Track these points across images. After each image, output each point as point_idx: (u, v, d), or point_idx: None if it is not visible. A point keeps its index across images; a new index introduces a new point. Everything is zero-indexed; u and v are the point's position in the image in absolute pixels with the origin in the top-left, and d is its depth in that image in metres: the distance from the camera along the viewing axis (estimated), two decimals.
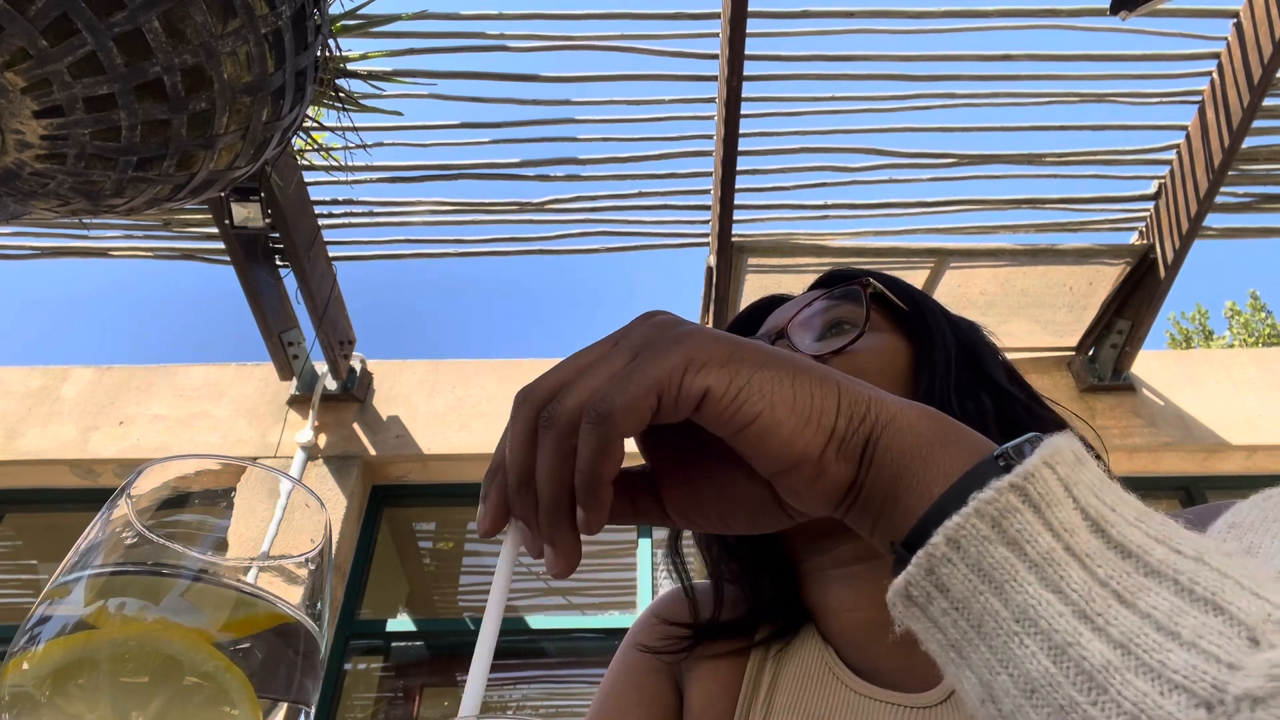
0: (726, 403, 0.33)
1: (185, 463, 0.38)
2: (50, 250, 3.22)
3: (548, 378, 0.36)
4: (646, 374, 0.33)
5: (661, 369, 0.33)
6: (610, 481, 0.34)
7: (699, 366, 0.33)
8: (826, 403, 0.33)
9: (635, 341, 0.35)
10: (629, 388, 0.33)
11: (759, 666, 0.61)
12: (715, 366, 0.33)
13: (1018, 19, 2.69)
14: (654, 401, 0.33)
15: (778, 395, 0.33)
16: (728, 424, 0.33)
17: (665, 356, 0.33)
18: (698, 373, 0.33)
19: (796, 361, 0.35)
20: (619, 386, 0.33)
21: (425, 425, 3.44)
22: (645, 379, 0.33)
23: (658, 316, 0.36)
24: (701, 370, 0.33)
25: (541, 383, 0.36)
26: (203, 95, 1.08)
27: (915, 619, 0.30)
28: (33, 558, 3.87)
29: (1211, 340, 12.49)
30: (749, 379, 0.33)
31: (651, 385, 0.32)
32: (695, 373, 0.33)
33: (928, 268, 3.18)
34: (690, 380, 0.33)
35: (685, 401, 0.33)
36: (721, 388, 0.33)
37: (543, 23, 2.72)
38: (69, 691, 0.31)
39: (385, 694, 3.41)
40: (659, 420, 0.34)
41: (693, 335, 0.34)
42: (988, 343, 0.66)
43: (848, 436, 0.33)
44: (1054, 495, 0.28)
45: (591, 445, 0.33)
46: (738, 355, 0.34)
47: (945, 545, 0.28)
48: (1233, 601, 0.24)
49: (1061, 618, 0.26)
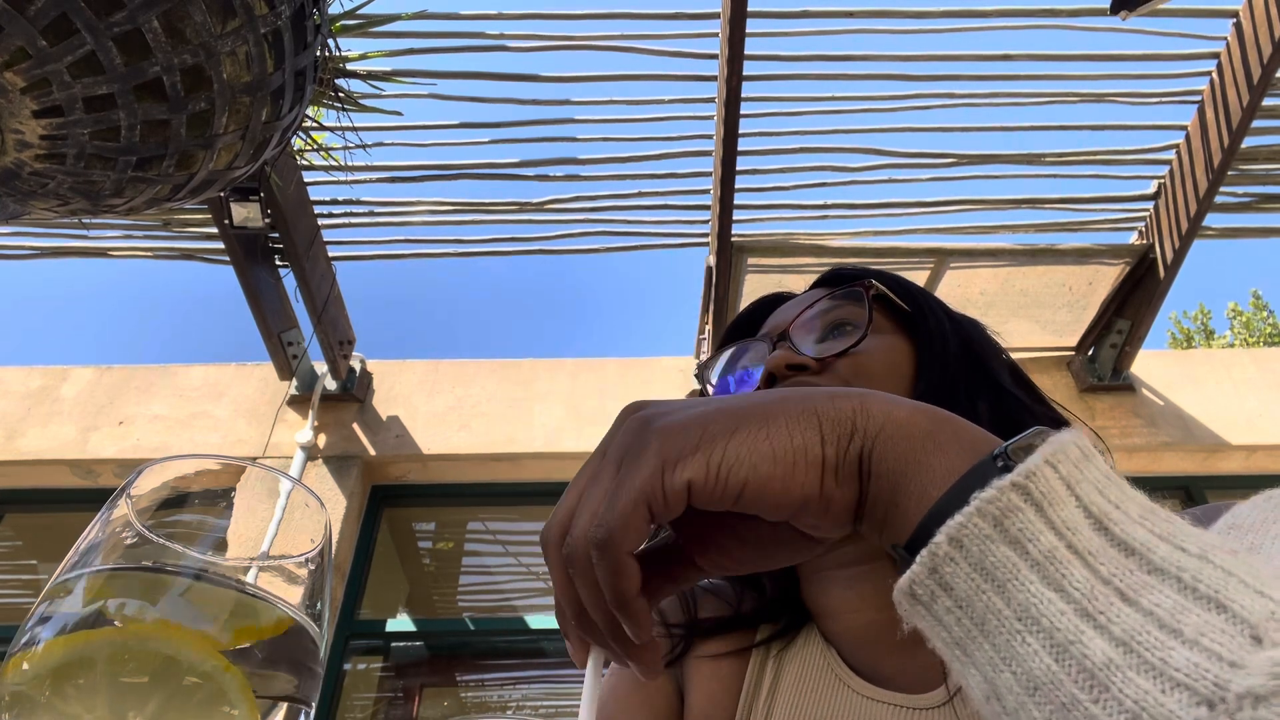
0: (712, 485, 0.33)
1: (185, 463, 0.38)
2: (50, 250, 3.22)
3: (558, 512, 0.37)
4: (629, 490, 0.34)
5: (641, 480, 0.34)
6: (637, 594, 0.35)
7: (674, 464, 0.34)
8: (808, 439, 0.34)
9: (617, 450, 0.36)
10: (616, 508, 0.34)
11: (760, 666, 0.61)
12: (688, 457, 0.34)
13: (1018, 19, 2.68)
14: (645, 513, 0.34)
15: (757, 455, 0.33)
16: (722, 501, 0.34)
17: (641, 466, 0.34)
18: (674, 471, 0.34)
19: (766, 407, 0.35)
20: (610, 509, 0.34)
21: (425, 425, 3.44)
22: (629, 496, 0.34)
23: (633, 414, 0.37)
24: (677, 466, 0.34)
25: (554, 519, 0.37)
26: (202, 95, 1.08)
27: (920, 617, 0.30)
28: (33, 558, 3.87)
29: (1212, 340, 12.48)
30: (724, 453, 0.34)
31: (637, 499, 0.34)
32: (672, 471, 0.34)
33: (928, 268, 3.18)
34: (670, 481, 0.34)
35: (674, 501, 0.34)
36: (701, 475, 0.34)
37: (542, 23, 2.72)
38: (68, 691, 0.31)
39: (385, 694, 3.41)
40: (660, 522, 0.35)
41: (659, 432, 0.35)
42: (990, 341, 0.65)
43: (840, 462, 0.34)
44: (1056, 494, 0.28)
45: (604, 572, 0.34)
46: (707, 435, 0.34)
47: (948, 544, 0.29)
48: (1235, 599, 0.24)
49: (1063, 616, 0.26)
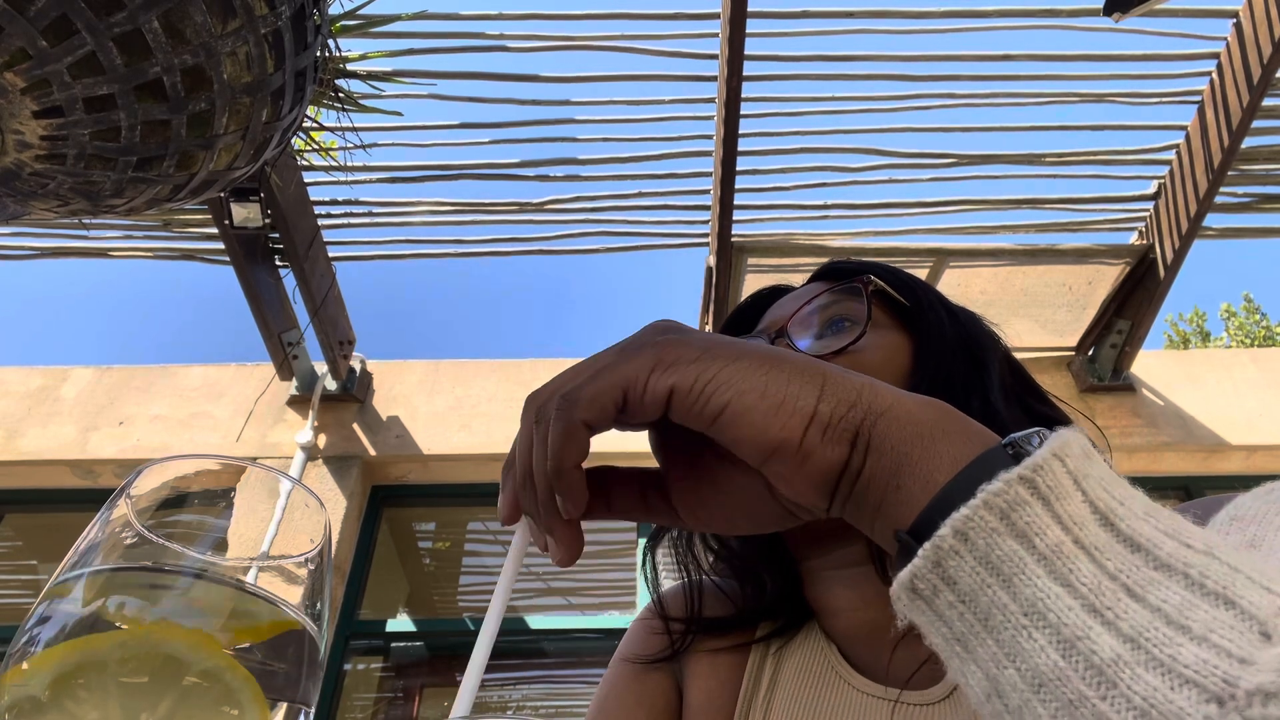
0: (694, 397, 0.34)
1: (185, 463, 0.38)
2: (50, 250, 3.22)
3: (550, 381, 0.38)
4: (615, 371, 0.35)
5: (630, 368, 0.35)
6: (576, 466, 0.36)
7: (666, 365, 0.35)
8: (804, 389, 0.34)
9: (630, 345, 0.37)
10: (596, 383, 0.35)
11: (760, 663, 0.61)
12: (683, 365, 0.34)
13: (1018, 19, 2.68)
14: (618, 396, 0.35)
15: (746, 384, 0.34)
16: (698, 417, 0.34)
17: (637, 357, 0.35)
18: (664, 371, 0.34)
19: (778, 355, 0.35)
20: (590, 381, 0.35)
21: (425, 425, 3.44)
22: (612, 375, 0.35)
23: (661, 323, 0.38)
24: (669, 369, 0.34)
25: (544, 385, 0.38)
26: (202, 95, 1.08)
27: (920, 612, 0.30)
28: (33, 558, 3.87)
29: (1209, 342, 12.49)
30: (716, 372, 0.34)
31: (617, 381, 0.35)
32: (662, 372, 0.34)
33: (927, 268, 3.18)
34: (656, 379, 0.34)
35: (651, 398, 0.34)
36: (687, 384, 0.34)
37: (543, 23, 2.72)
38: (79, 694, 0.31)
39: (385, 694, 3.41)
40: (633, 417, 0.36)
41: (670, 340, 0.36)
42: (988, 333, 0.65)
43: (833, 421, 0.33)
44: (1063, 488, 0.28)
45: (556, 432, 0.35)
46: (709, 353, 0.35)
47: (953, 537, 0.28)
48: (1244, 595, 0.24)
49: (1071, 611, 0.25)
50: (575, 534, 0.38)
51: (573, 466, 0.36)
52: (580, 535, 0.39)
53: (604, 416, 0.35)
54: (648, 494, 0.41)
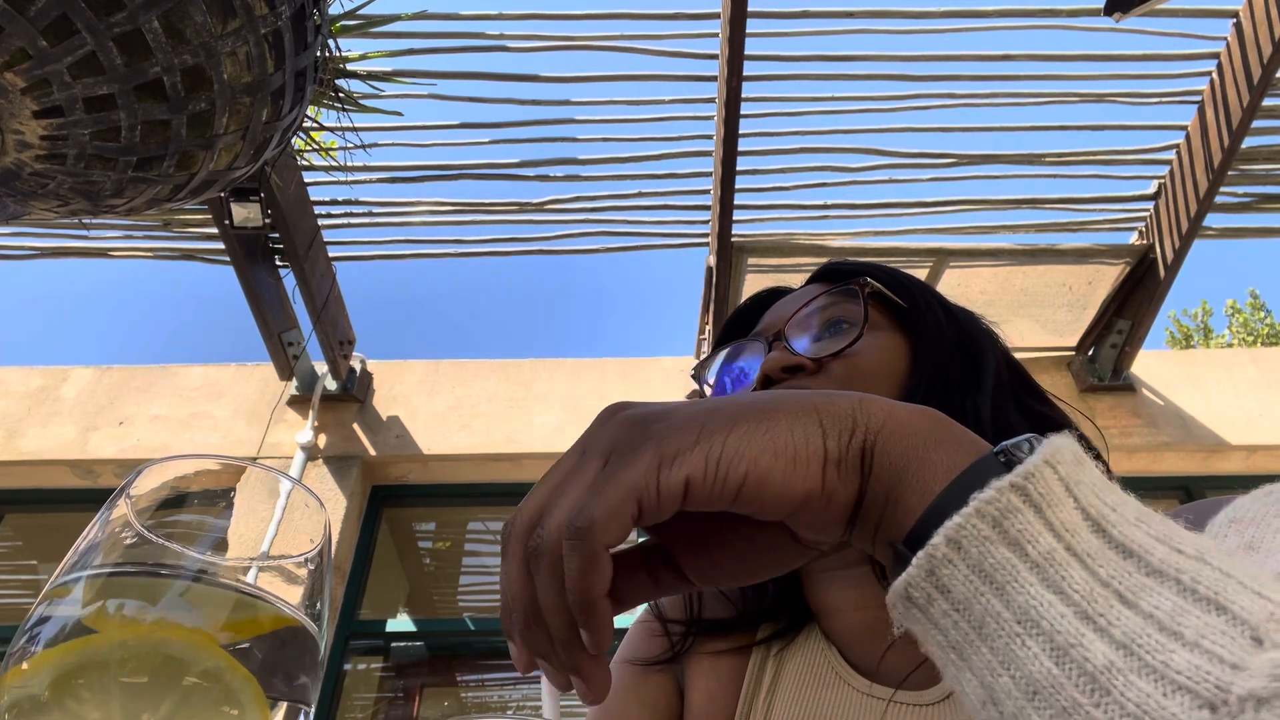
0: (711, 481, 0.32)
1: (185, 463, 0.38)
2: (50, 250, 3.22)
3: (527, 505, 0.35)
4: (620, 481, 0.32)
5: (635, 473, 0.32)
6: (605, 596, 0.33)
7: (671, 459, 0.32)
8: (809, 433, 0.33)
9: (604, 445, 0.34)
10: (605, 498, 0.32)
11: (761, 664, 0.61)
12: (687, 452, 0.32)
13: (1018, 19, 2.68)
14: (634, 507, 0.32)
15: (756, 448, 0.32)
16: (721, 499, 0.32)
17: (637, 459, 0.32)
18: (672, 466, 0.32)
19: (767, 405, 0.34)
20: (595, 498, 0.32)
21: (425, 425, 3.44)
22: (620, 486, 0.32)
23: (620, 413, 0.36)
24: (675, 462, 0.32)
25: (522, 512, 0.35)
26: (203, 95, 1.08)
27: (915, 620, 0.30)
28: (33, 558, 3.87)
29: (1211, 338, 12.48)
30: (723, 448, 0.32)
31: (628, 491, 0.32)
32: (670, 467, 0.32)
33: (927, 268, 3.18)
34: (667, 476, 0.32)
35: (668, 498, 0.32)
36: (700, 471, 0.32)
37: (543, 23, 2.72)
38: (72, 693, 0.31)
39: (385, 694, 3.41)
40: (647, 523, 0.33)
41: (659, 430, 0.33)
42: (987, 333, 0.65)
43: (843, 453, 0.33)
44: (1055, 495, 0.28)
45: (576, 564, 0.32)
46: (705, 430, 0.33)
47: (946, 546, 0.28)
48: (1235, 601, 0.24)
49: (1063, 619, 0.25)
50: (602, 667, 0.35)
51: (602, 596, 0.32)
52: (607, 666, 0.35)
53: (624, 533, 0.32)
54: (656, 573, 0.39)
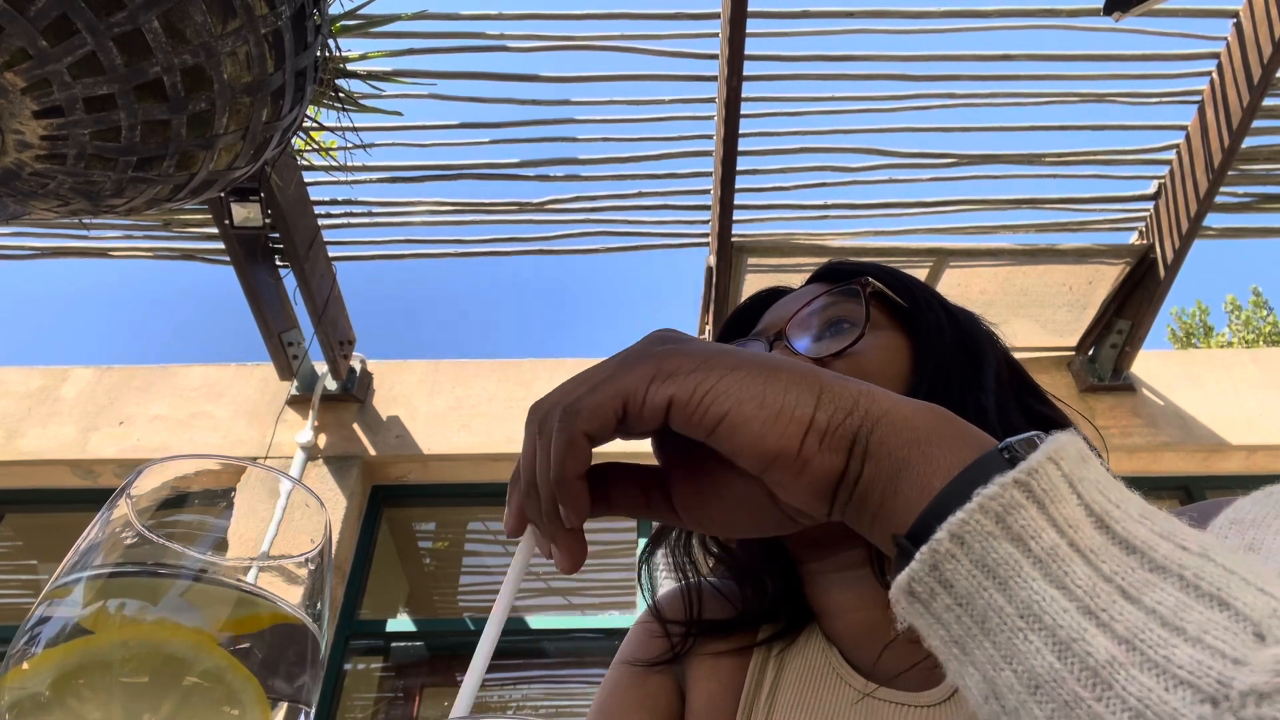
0: (693, 407, 0.34)
1: (185, 463, 0.38)
2: (50, 250, 3.22)
3: (552, 392, 0.38)
4: (614, 382, 0.35)
5: (630, 378, 0.35)
6: (578, 477, 0.36)
7: (666, 376, 0.35)
8: (801, 397, 0.34)
9: (623, 356, 0.37)
10: (598, 393, 0.35)
11: (761, 665, 0.61)
12: (682, 375, 0.35)
13: (1018, 19, 2.68)
14: (619, 406, 0.35)
15: (745, 393, 0.34)
16: (697, 426, 0.34)
17: (636, 368, 0.36)
18: (664, 382, 0.35)
19: (775, 364, 0.35)
20: (590, 393, 0.36)
21: (425, 425, 3.44)
22: (612, 387, 0.35)
23: (657, 333, 0.39)
24: (668, 380, 0.35)
25: (546, 396, 0.38)
26: (203, 95, 1.08)
27: (918, 615, 0.30)
28: (33, 558, 3.87)
29: (1211, 336, 12.47)
30: (715, 382, 0.34)
31: (616, 392, 0.35)
32: (661, 382, 0.35)
33: (927, 268, 3.18)
34: (655, 389, 0.35)
35: (651, 409, 0.35)
36: (685, 394, 0.34)
37: (543, 23, 2.72)
38: (74, 693, 0.31)
39: (385, 694, 3.41)
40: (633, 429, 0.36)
41: (669, 350, 0.36)
42: (987, 333, 0.65)
43: (830, 428, 0.34)
44: (1058, 491, 0.28)
45: (558, 444, 0.36)
46: (708, 363, 0.35)
47: (949, 541, 0.28)
48: (1238, 597, 0.24)
49: (1066, 613, 0.25)
50: (578, 542, 0.39)
51: (575, 477, 0.36)
52: (583, 543, 0.39)
53: (604, 428, 0.35)
54: (649, 492, 0.42)
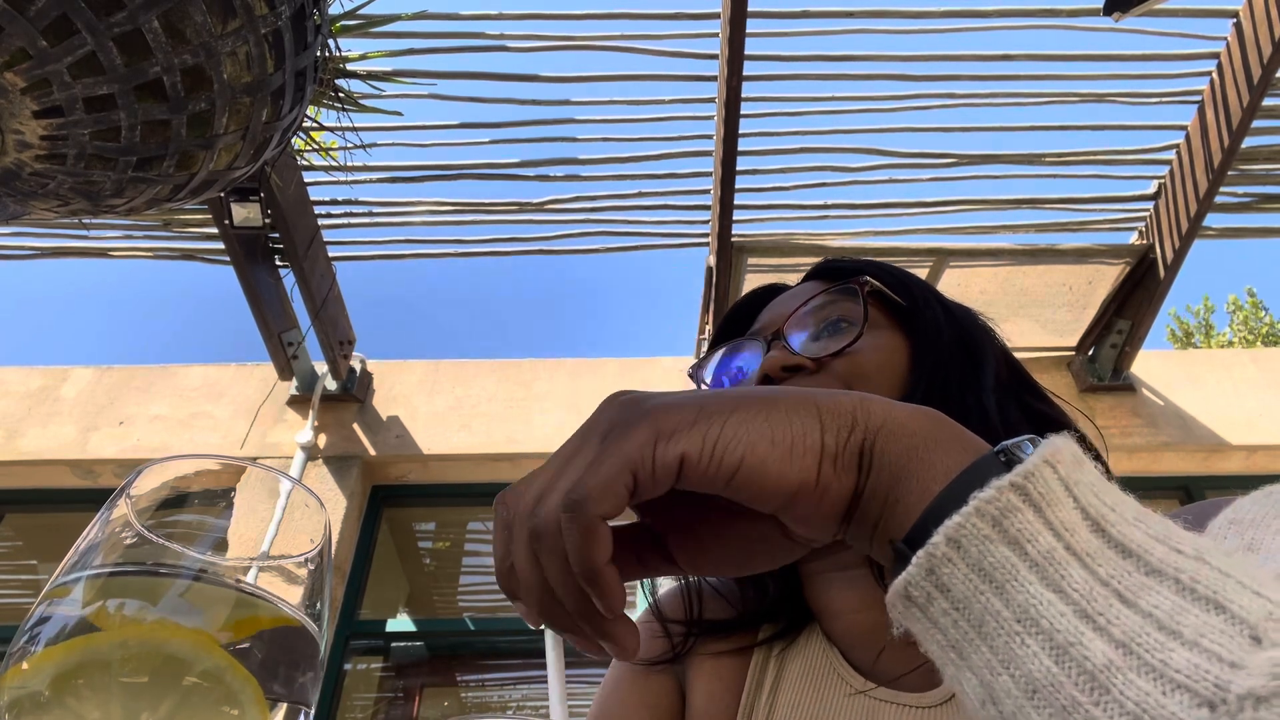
0: (706, 461, 0.32)
1: (185, 463, 0.38)
2: (50, 250, 3.22)
3: (527, 488, 0.35)
4: (616, 454, 0.33)
5: (631, 446, 0.33)
6: (606, 564, 0.33)
7: (669, 435, 0.33)
8: (807, 425, 0.33)
9: (603, 428, 0.34)
10: (600, 470, 0.33)
11: (762, 665, 0.61)
12: (684, 431, 0.33)
13: (1018, 19, 2.68)
14: (629, 479, 0.33)
15: (755, 435, 0.32)
16: (714, 480, 0.33)
17: (633, 434, 0.33)
18: (668, 441, 0.33)
19: (768, 396, 0.35)
20: (590, 472, 0.33)
21: (425, 425, 3.44)
22: (615, 459, 0.33)
23: (621, 397, 0.36)
24: (672, 438, 0.33)
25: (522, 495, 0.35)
26: (203, 95, 1.08)
27: (915, 620, 0.30)
28: (33, 558, 3.87)
29: (1212, 335, 12.47)
30: (721, 430, 0.33)
31: (623, 464, 0.32)
32: (666, 442, 0.33)
33: (927, 268, 3.18)
34: (663, 451, 0.33)
35: (663, 473, 0.33)
36: (696, 449, 0.32)
37: (543, 23, 2.72)
38: (73, 692, 0.31)
39: (385, 694, 3.41)
40: (643, 497, 0.34)
41: (657, 407, 0.34)
42: (985, 330, 0.65)
43: (840, 449, 0.33)
44: (1054, 494, 0.28)
45: (575, 537, 0.32)
46: (705, 412, 0.33)
47: (946, 545, 0.28)
48: (1234, 600, 0.24)
49: (1063, 617, 0.25)
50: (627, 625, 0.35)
51: (604, 564, 0.33)
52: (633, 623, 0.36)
53: (619, 504, 0.33)
54: (644, 555, 0.39)
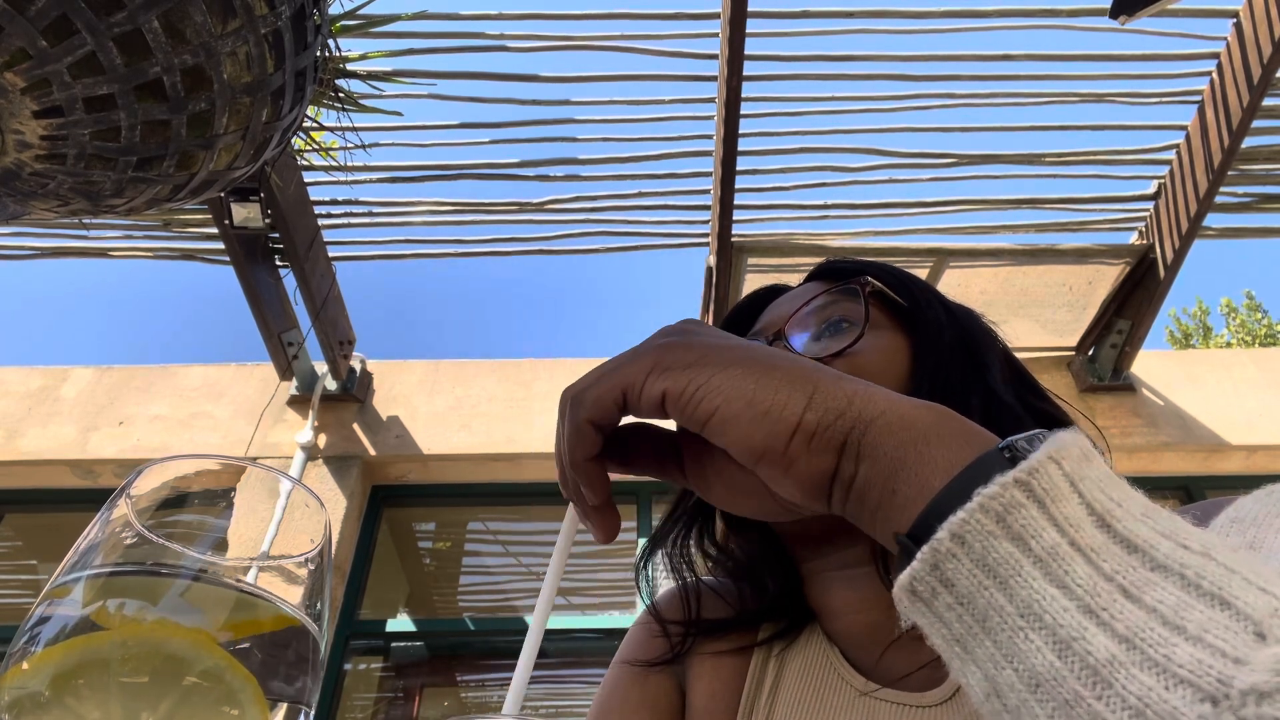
0: (684, 402, 0.36)
1: (185, 463, 0.38)
2: (50, 250, 3.22)
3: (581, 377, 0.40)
4: (618, 373, 0.38)
5: (631, 370, 0.37)
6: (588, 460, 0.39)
7: (662, 370, 0.37)
8: (792, 398, 0.35)
9: (642, 346, 0.39)
10: (602, 383, 0.38)
11: (762, 665, 0.61)
12: (678, 370, 0.36)
13: (1018, 19, 2.68)
14: (618, 397, 0.37)
15: (735, 392, 0.35)
16: (689, 420, 0.36)
17: (640, 360, 0.38)
18: (659, 375, 0.37)
19: (771, 362, 0.36)
20: (597, 382, 0.38)
21: (425, 425, 3.44)
22: (615, 378, 0.38)
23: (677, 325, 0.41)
24: (664, 374, 0.37)
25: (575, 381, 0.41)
26: (203, 95, 1.08)
27: (920, 614, 0.30)
28: (33, 558, 3.87)
29: (1210, 337, 12.47)
30: (708, 379, 0.36)
31: (618, 383, 0.37)
32: (658, 376, 0.37)
33: (927, 268, 3.18)
34: (652, 382, 0.37)
35: (647, 401, 0.37)
36: (677, 389, 0.36)
37: (543, 23, 2.72)
38: (73, 692, 0.31)
39: (385, 694, 3.41)
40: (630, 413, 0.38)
41: (674, 344, 0.38)
42: (987, 330, 0.65)
43: (819, 430, 0.34)
44: (1059, 490, 0.28)
45: (567, 430, 0.39)
46: (705, 359, 0.37)
47: (950, 540, 0.28)
48: (1239, 596, 0.24)
49: (1066, 612, 0.25)
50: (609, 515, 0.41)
51: (585, 460, 0.38)
52: (614, 515, 0.42)
53: (607, 416, 0.38)
54: (663, 458, 0.44)
